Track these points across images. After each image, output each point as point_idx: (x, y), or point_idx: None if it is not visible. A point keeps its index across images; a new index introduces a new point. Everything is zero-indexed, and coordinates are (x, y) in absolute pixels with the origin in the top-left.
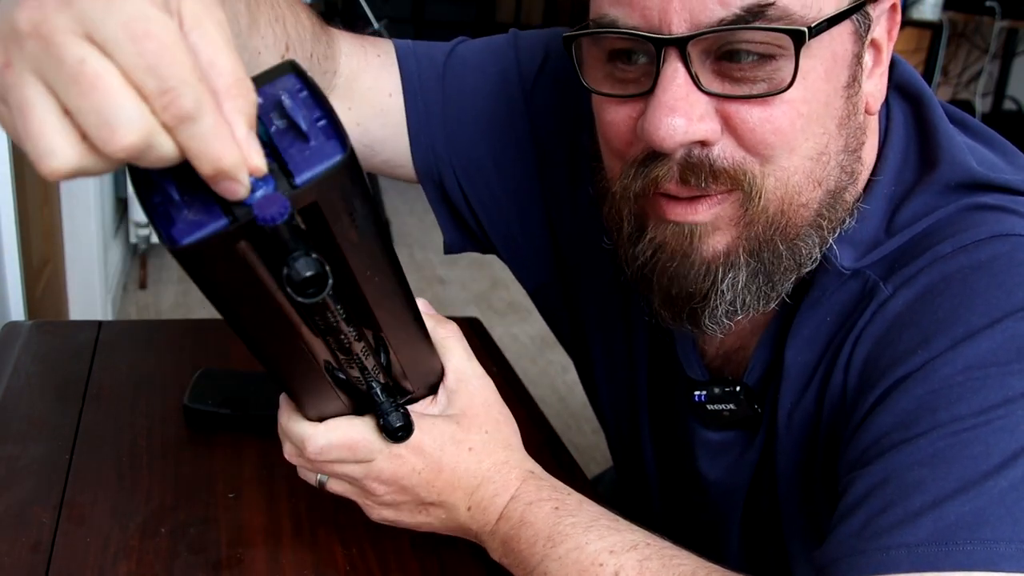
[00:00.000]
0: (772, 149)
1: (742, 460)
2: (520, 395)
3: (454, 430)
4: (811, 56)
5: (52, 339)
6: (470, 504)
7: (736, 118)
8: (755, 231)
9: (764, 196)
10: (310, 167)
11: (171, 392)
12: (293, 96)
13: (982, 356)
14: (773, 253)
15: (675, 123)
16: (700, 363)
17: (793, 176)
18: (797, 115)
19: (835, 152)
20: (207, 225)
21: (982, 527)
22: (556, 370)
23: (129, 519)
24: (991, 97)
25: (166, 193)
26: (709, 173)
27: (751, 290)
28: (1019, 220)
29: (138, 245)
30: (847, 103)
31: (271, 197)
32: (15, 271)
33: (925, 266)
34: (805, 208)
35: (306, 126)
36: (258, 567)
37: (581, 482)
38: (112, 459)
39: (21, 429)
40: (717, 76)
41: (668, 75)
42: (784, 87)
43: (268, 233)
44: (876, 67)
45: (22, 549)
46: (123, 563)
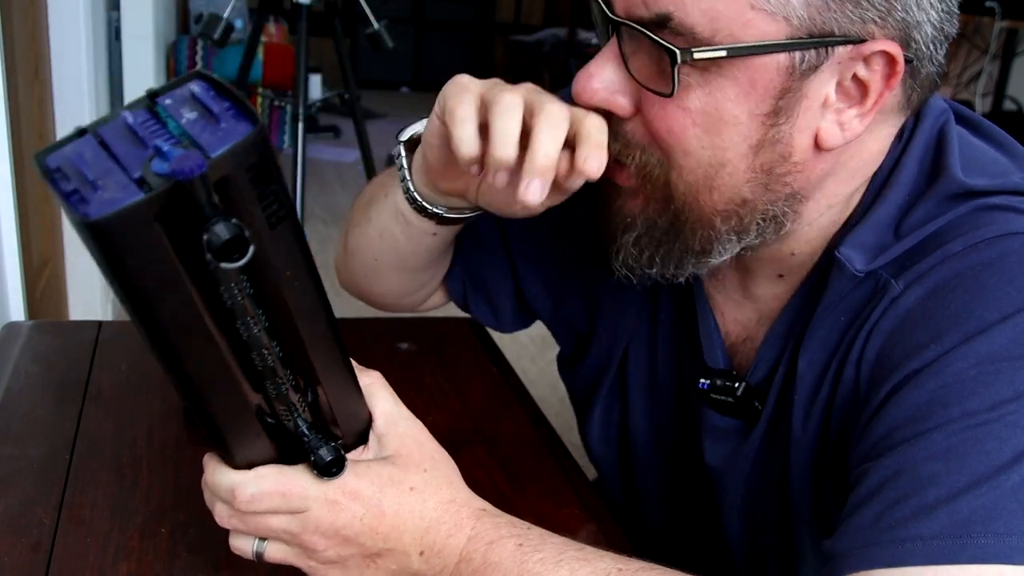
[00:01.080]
0: (667, 144)
1: (740, 450)
2: (520, 395)
3: (391, 471)
4: (721, 75)
5: (52, 339)
6: (422, 548)
7: (644, 105)
8: (651, 208)
9: (663, 181)
10: (222, 143)
11: (171, 392)
12: (204, 91)
13: (994, 351)
14: (665, 233)
15: (588, 84)
16: (723, 350)
17: (687, 175)
18: (691, 123)
19: (741, 169)
20: (122, 200)
21: (995, 521)
22: (556, 370)
23: (129, 519)
24: (991, 97)
25: (80, 175)
26: (616, 139)
27: (642, 252)
28: None
29: None
30: (767, 130)
31: (185, 155)
32: (15, 271)
33: (936, 264)
34: (700, 206)
35: (217, 111)
36: (258, 567)
37: (582, 482)
38: (112, 459)
39: (21, 429)
40: (644, 64)
41: (607, 47)
42: (668, 93)
43: (185, 199)
44: (854, 107)
45: (22, 549)
46: (123, 563)
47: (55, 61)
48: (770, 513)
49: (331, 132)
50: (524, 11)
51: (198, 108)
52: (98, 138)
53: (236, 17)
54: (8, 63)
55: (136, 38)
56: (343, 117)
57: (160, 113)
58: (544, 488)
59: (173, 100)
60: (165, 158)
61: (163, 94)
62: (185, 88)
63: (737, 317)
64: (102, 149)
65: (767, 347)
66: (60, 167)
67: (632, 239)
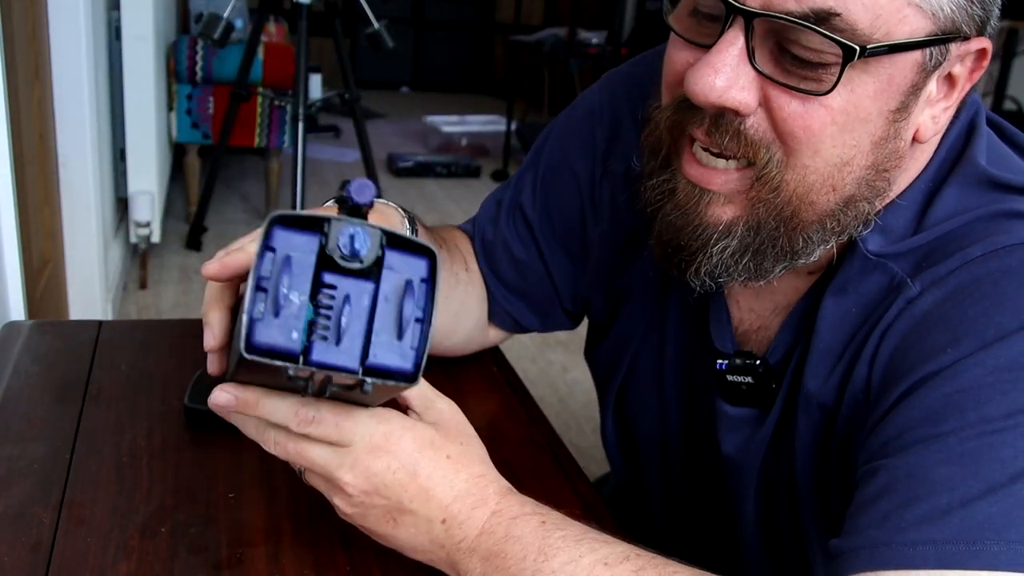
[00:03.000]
0: (798, 143)
1: (755, 437)
2: (520, 395)
3: (434, 435)
4: (865, 72)
5: (52, 339)
6: (444, 517)
7: (775, 102)
8: (759, 210)
9: (778, 181)
10: (382, 365)
11: (171, 392)
12: (416, 282)
13: (1012, 359)
14: (769, 237)
15: (713, 82)
16: (732, 335)
17: (811, 176)
18: (831, 121)
19: (861, 167)
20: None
21: (1008, 528)
22: (556, 370)
23: (129, 519)
24: (991, 97)
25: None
26: (733, 136)
27: (737, 262)
28: None
29: (138, 245)
30: (890, 126)
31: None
32: (15, 271)
33: (955, 268)
34: (813, 207)
35: (405, 322)
36: (258, 567)
37: (582, 482)
38: (112, 459)
39: (21, 429)
40: (772, 58)
41: (727, 39)
42: (823, 92)
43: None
44: (943, 100)
45: (22, 549)
46: (123, 563)
47: (55, 61)
48: (782, 500)
49: (331, 132)
50: (524, 11)
51: (398, 302)
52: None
53: (236, 17)
54: (8, 62)
55: (136, 38)
56: (343, 117)
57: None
58: (544, 488)
59: (394, 267)
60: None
61: (396, 246)
62: (411, 262)
63: (753, 306)
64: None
65: (784, 331)
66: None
67: (729, 246)
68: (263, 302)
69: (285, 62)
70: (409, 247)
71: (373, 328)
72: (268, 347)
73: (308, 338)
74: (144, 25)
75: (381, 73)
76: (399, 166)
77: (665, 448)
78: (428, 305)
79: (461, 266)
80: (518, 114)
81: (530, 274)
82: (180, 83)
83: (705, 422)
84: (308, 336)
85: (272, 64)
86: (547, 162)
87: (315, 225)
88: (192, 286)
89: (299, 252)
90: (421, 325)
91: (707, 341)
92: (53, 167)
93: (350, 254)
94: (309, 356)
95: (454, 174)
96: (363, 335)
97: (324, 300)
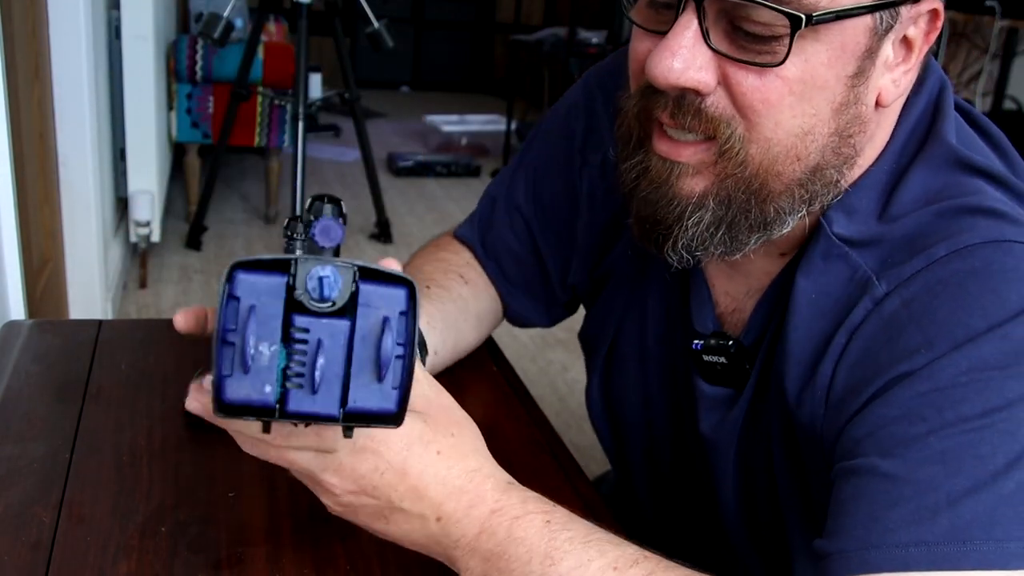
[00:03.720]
0: (758, 116)
1: (729, 417)
2: (520, 395)
3: (422, 429)
4: (816, 40)
5: (52, 338)
6: (439, 515)
7: (733, 79)
8: (728, 184)
9: (743, 155)
10: (363, 409)
11: (171, 392)
12: (394, 317)
13: (984, 359)
14: (741, 208)
15: (672, 65)
16: (713, 314)
17: (775, 147)
18: (788, 91)
19: (824, 134)
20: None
21: (995, 527)
22: (556, 370)
23: (129, 518)
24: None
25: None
26: (696, 115)
27: (712, 235)
28: (1009, 226)
29: (138, 244)
30: (849, 92)
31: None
32: (15, 270)
33: (921, 268)
34: (780, 177)
35: (384, 361)
36: (258, 566)
37: (582, 482)
38: (112, 458)
39: (21, 428)
40: (727, 36)
41: (682, 23)
42: (777, 63)
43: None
44: (902, 64)
45: (22, 548)
46: (123, 562)
47: (55, 60)
48: (760, 480)
49: (331, 131)
50: (524, 11)
51: (375, 340)
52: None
53: (236, 16)
54: (8, 62)
55: (136, 37)
56: (343, 116)
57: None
58: (544, 487)
59: (369, 300)
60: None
61: (371, 279)
62: (389, 294)
63: (728, 289)
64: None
65: (757, 313)
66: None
67: (703, 219)
68: (231, 357)
69: (285, 61)
70: (385, 279)
71: (351, 371)
72: (241, 403)
73: (283, 385)
74: (144, 24)
75: (381, 72)
76: (399, 165)
77: (650, 428)
78: (409, 338)
79: (459, 283)
80: (518, 114)
81: (528, 268)
82: (180, 82)
83: (686, 401)
84: (283, 383)
85: (272, 63)
86: (536, 158)
87: (280, 267)
88: (192, 286)
89: (265, 298)
90: (403, 361)
91: (687, 321)
92: (53, 166)
93: (320, 298)
94: (285, 407)
95: (454, 174)
96: (341, 379)
97: (297, 346)
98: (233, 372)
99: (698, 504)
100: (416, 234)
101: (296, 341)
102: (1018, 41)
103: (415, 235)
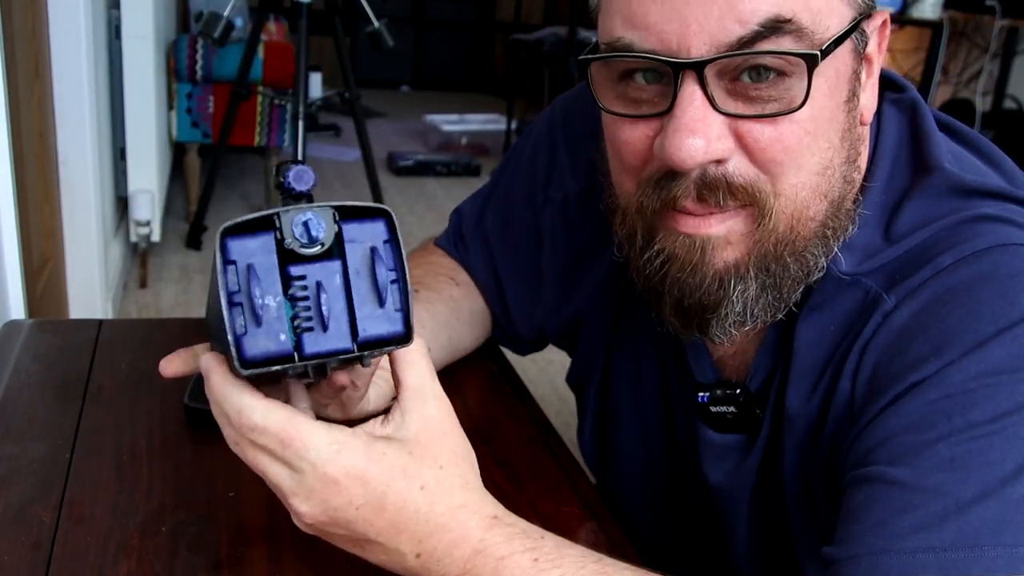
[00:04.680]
0: (781, 166)
1: (744, 464)
2: (520, 395)
3: (406, 462)
4: (818, 75)
5: (52, 338)
6: (419, 551)
7: (748, 137)
8: (765, 247)
9: (775, 214)
10: (374, 335)
11: (171, 391)
12: (380, 246)
13: (994, 364)
14: (782, 267)
15: (695, 144)
16: (712, 366)
17: (801, 192)
18: (804, 133)
19: (838, 164)
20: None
21: (1003, 532)
22: (556, 370)
23: (129, 518)
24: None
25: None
26: (726, 190)
27: (760, 302)
28: (1015, 230)
29: (138, 244)
30: (848, 116)
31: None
32: (15, 270)
33: (928, 278)
34: (812, 221)
35: (382, 287)
36: (259, 565)
37: (582, 481)
38: (112, 458)
39: (21, 428)
40: (731, 96)
41: (686, 97)
42: (795, 107)
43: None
44: (868, 79)
45: (22, 548)
46: (123, 562)
47: (55, 60)
48: (775, 522)
49: (331, 131)
50: (524, 10)
51: (370, 269)
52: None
53: (236, 15)
54: (8, 61)
55: (136, 37)
56: (343, 116)
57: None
58: (544, 486)
59: (354, 237)
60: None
61: (351, 216)
62: (369, 228)
63: None
64: None
65: (761, 355)
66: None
67: (749, 290)
68: (241, 316)
69: (285, 61)
70: (362, 213)
71: (354, 304)
72: (262, 356)
73: (296, 334)
74: (144, 24)
75: (381, 72)
76: (399, 165)
77: (653, 478)
78: (399, 262)
79: (449, 284)
80: (518, 113)
81: (495, 302)
82: (180, 82)
83: (690, 450)
84: (295, 332)
85: (272, 63)
86: (506, 191)
87: (265, 224)
88: (192, 285)
89: (259, 256)
90: (398, 284)
91: (683, 369)
92: (53, 166)
93: (308, 241)
94: (303, 351)
95: (454, 173)
96: (347, 313)
97: (298, 292)
98: (248, 329)
99: (706, 547)
100: (416, 233)
101: (297, 288)
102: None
103: (415, 234)
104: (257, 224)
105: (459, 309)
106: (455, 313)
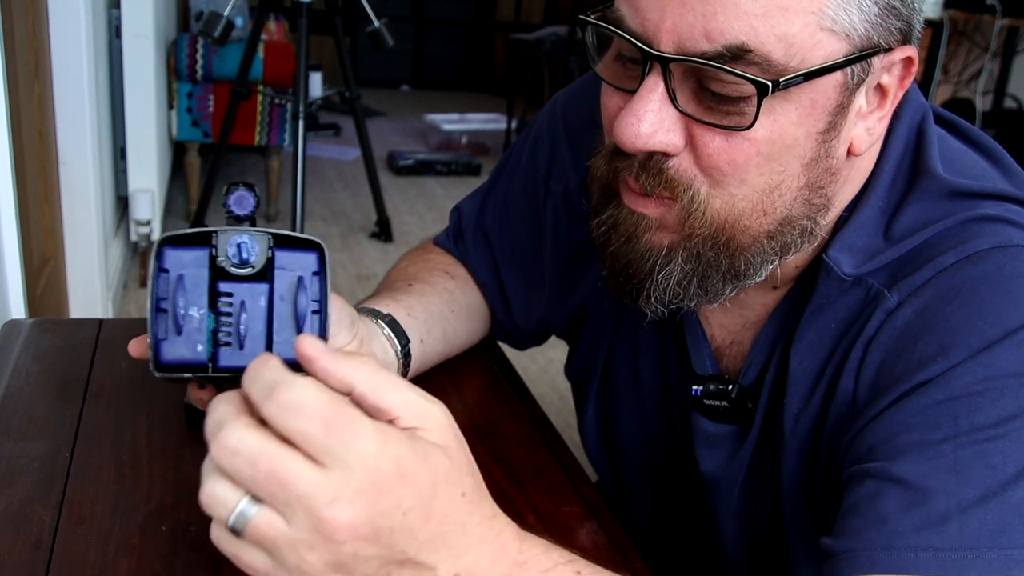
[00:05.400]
0: (724, 176)
1: (736, 455)
2: (520, 394)
3: (448, 467)
4: (786, 100)
5: (52, 337)
6: (457, 570)
7: (700, 139)
8: (695, 241)
9: (707, 213)
10: (287, 360)
11: (171, 390)
12: (307, 276)
13: (1000, 367)
14: (710, 262)
15: (638, 130)
16: (710, 355)
17: (740, 203)
18: (756, 152)
19: (793, 188)
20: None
21: (1001, 535)
22: (556, 368)
23: (130, 517)
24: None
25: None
26: (659, 179)
27: (684, 287)
28: (1016, 231)
29: (139, 243)
30: (819, 147)
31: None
32: (16, 269)
33: (931, 276)
34: (747, 231)
35: (301, 315)
36: None
37: (582, 481)
38: (112, 457)
39: (21, 427)
40: (694, 97)
41: (648, 86)
42: (745, 127)
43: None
44: (876, 111)
45: (23, 547)
46: (124, 561)
47: (55, 59)
48: (765, 516)
49: (331, 130)
50: (524, 9)
51: (293, 298)
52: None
53: (236, 15)
54: (8, 61)
55: (136, 36)
56: (343, 115)
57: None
58: (545, 486)
59: (283, 264)
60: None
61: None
62: (300, 259)
63: (723, 322)
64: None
65: (757, 350)
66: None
67: (673, 274)
68: (164, 322)
69: (285, 60)
70: (297, 244)
71: (273, 327)
72: (177, 362)
73: (213, 347)
74: (144, 23)
75: (381, 71)
76: (399, 164)
77: (652, 466)
78: (323, 295)
79: (444, 278)
80: (518, 112)
81: (494, 298)
82: (180, 81)
83: (686, 438)
84: (213, 345)
85: (272, 62)
86: (506, 187)
87: (203, 240)
88: None
89: (191, 268)
90: (319, 316)
91: (683, 359)
92: (53, 165)
93: (240, 262)
94: (217, 363)
95: (454, 172)
96: (264, 335)
97: (223, 308)
98: (168, 336)
99: (700, 534)
100: (416, 233)
101: (222, 304)
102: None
103: (415, 234)
104: (195, 238)
105: (454, 302)
106: (449, 305)
